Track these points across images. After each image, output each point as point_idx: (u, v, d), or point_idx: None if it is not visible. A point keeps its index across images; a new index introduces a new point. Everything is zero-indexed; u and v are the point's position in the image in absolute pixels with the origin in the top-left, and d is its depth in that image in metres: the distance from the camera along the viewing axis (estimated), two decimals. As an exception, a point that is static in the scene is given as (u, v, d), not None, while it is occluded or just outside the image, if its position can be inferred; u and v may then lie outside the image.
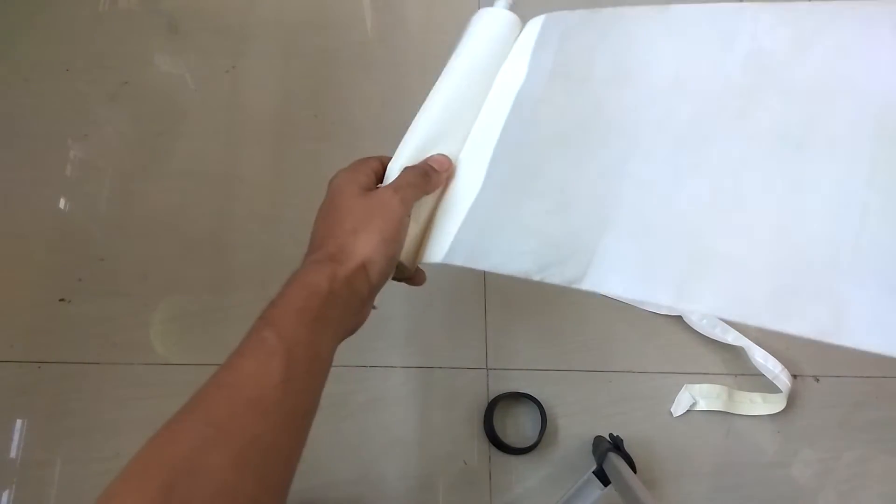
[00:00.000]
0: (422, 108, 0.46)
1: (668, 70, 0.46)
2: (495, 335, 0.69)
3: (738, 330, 0.69)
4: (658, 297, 0.42)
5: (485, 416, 0.65)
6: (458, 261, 0.42)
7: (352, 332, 0.40)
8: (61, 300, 0.66)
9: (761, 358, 0.68)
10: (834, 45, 0.43)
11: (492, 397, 0.66)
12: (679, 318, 0.71)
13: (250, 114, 0.76)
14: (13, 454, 0.61)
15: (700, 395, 0.68)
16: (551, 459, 0.65)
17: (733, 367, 0.70)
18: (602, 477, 0.59)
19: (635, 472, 0.58)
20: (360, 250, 0.38)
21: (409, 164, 0.43)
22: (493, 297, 0.70)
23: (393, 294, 0.69)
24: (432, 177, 0.43)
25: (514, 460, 0.65)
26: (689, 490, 0.66)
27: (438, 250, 0.43)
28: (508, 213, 0.44)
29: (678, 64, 0.46)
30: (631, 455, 0.60)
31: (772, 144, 0.43)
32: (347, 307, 0.38)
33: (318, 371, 0.36)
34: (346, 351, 0.70)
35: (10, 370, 0.64)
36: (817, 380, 0.70)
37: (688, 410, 0.67)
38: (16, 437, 0.62)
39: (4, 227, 0.69)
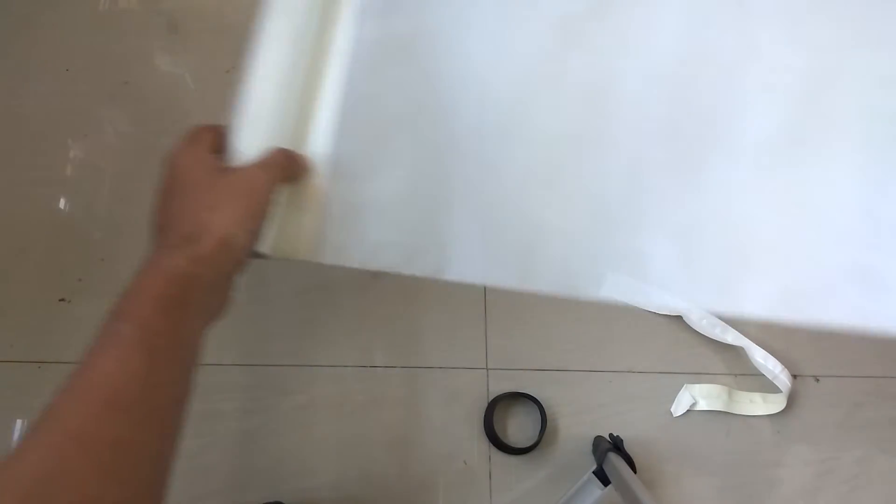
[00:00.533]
0: (249, 77, 0.41)
1: (488, 41, 0.44)
2: (495, 335, 0.69)
3: (737, 330, 0.69)
4: (505, 280, 0.43)
5: (485, 416, 0.65)
6: (328, 259, 0.40)
7: (219, 314, 0.38)
8: (61, 300, 0.66)
9: (761, 358, 0.68)
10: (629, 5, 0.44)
11: (492, 397, 0.66)
12: (679, 317, 0.70)
13: (250, 114, 0.76)
14: (13, 454, 0.61)
15: (700, 395, 0.68)
16: (551, 459, 0.65)
17: (733, 366, 0.70)
18: (602, 477, 0.59)
19: (635, 472, 0.58)
20: (218, 226, 0.35)
21: (257, 140, 0.39)
22: (493, 296, 0.70)
23: (393, 294, 0.69)
24: (299, 163, 0.41)
25: (514, 460, 0.65)
26: (689, 490, 0.66)
27: (305, 248, 0.41)
28: (364, 203, 0.42)
29: (496, 34, 0.44)
30: (631, 455, 0.60)
31: (580, 108, 0.44)
32: (213, 289, 0.36)
33: (186, 360, 0.34)
34: (345, 351, 0.71)
35: (10, 370, 0.64)
36: (817, 380, 0.70)
37: (688, 410, 0.67)
38: (16, 437, 0.62)
39: (4, 227, 0.69)
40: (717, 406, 0.67)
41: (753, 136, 0.43)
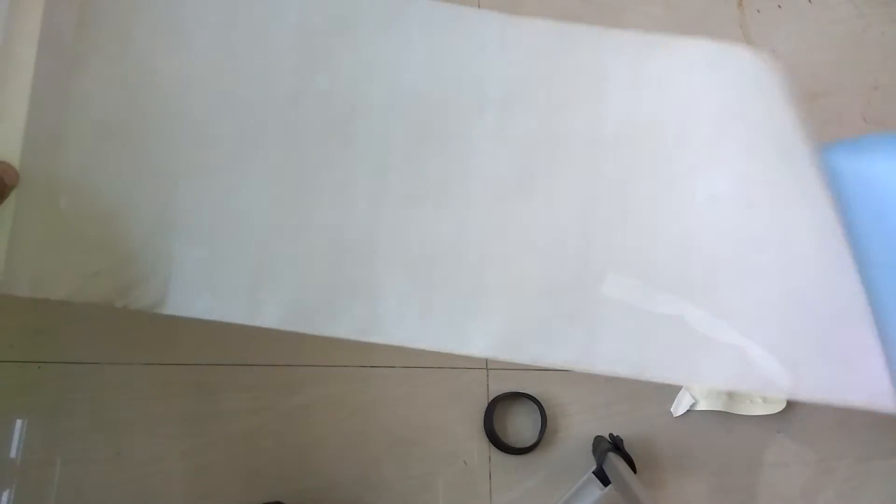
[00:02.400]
0: None
1: (216, 41, 0.39)
2: (495, 335, 0.68)
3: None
4: (231, 315, 0.39)
5: (485, 416, 0.65)
6: (21, 291, 0.35)
7: None
8: (61, 300, 0.66)
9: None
10: (371, 29, 0.41)
11: (492, 397, 0.66)
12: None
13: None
14: (13, 454, 0.61)
15: (700, 395, 0.68)
16: (551, 459, 0.65)
17: (733, 367, 0.70)
18: (602, 477, 0.59)
19: (635, 472, 0.58)
20: None
21: None
22: (493, 297, 0.70)
23: (393, 294, 0.69)
24: (8, 176, 0.34)
25: (514, 460, 0.65)
26: (689, 490, 0.66)
27: None
28: (61, 227, 0.36)
29: (228, 33, 0.39)
30: (631, 455, 0.60)
31: (319, 131, 0.40)
32: None
33: None
34: (346, 351, 0.70)
35: (10, 370, 0.64)
36: (817, 380, 0.70)
37: (688, 410, 0.67)
38: (16, 437, 0.62)
39: (4, 227, 0.69)
40: (718, 406, 0.67)
41: (485, 176, 0.42)
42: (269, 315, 0.40)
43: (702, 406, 0.67)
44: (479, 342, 0.41)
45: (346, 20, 0.40)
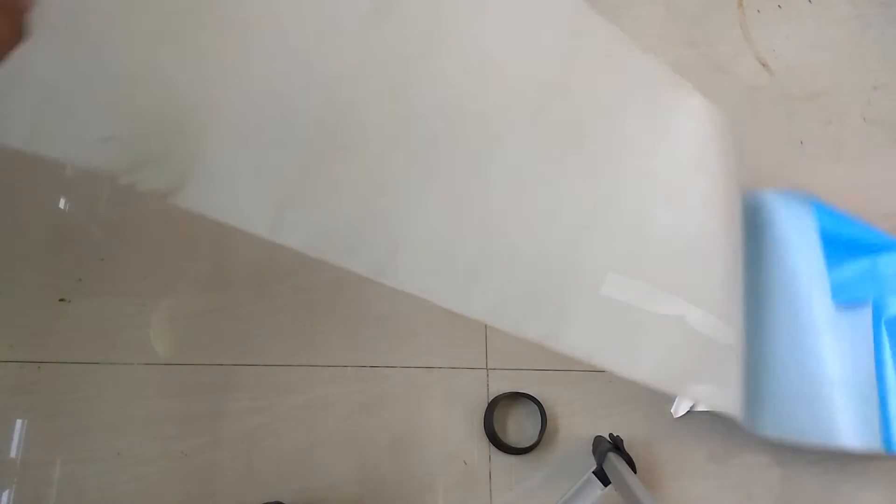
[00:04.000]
0: None
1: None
2: (495, 335, 0.68)
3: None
4: (250, 220, 0.35)
5: (485, 416, 0.65)
6: (10, 140, 0.29)
7: None
8: (61, 300, 0.66)
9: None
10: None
11: (492, 397, 0.66)
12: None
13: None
14: (13, 454, 0.61)
15: None
16: (551, 459, 0.65)
17: (733, 367, 0.70)
18: (602, 477, 0.59)
19: (635, 472, 0.58)
20: None
21: None
22: (493, 297, 0.70)
23: (392, 294, 0.69)
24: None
25: (514, 460, 0.65)
26: (689, 490, 0.66)
27: None
28: (77, 74, 0.29)
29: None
30: (631, 455, 0.60)
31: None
32: None
33: None
34: (346, 351, 0.70)
35: (10, 370, 0.64)
36: (817, 380, 0.70)
37: (688, 411, 0.67)
38: (16, 437, 0.62)
39: (4, 227, 0.69)
40: None
41: (514, 159, 0.45)
42: (292, 234, 0.37)
43: (702, 406, 0.67)
44: (477, 305, 0.43)
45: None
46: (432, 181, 0.41)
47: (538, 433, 0.64)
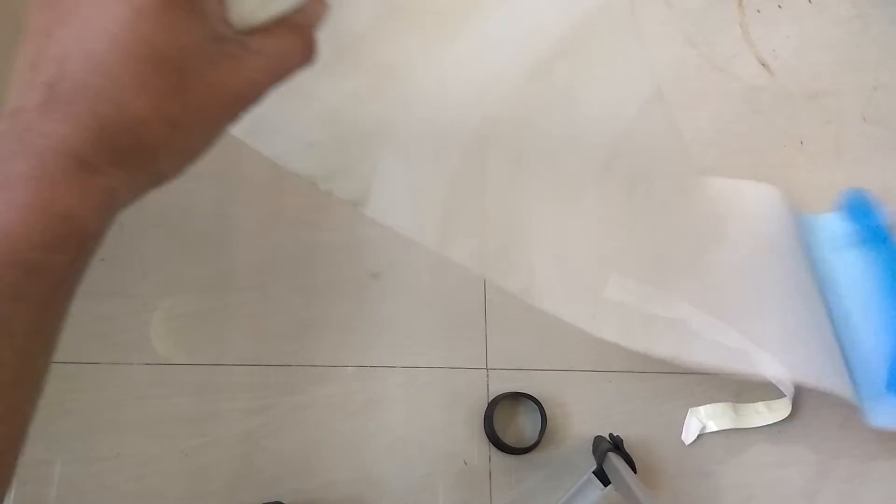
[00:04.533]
0: None
1: None
2: (495, 335, 0.69)
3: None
4: (425, 235, 0.41)
5: (485, 416, 0.65)
6: (237, 131, 0.30)
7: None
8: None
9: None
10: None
11: (492, 397, 0.66)
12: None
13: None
14: (13, 454, 0.61)
15: (707, 417, 0.67)
16: (551, 459, 0.65)
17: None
18: (602, 477, 0.59)
19: (635, 472, 0.58)
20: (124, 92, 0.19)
21: None
22: (492, 296, 0.70)
23: (393, 294, 0.69)
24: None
25: (514, 460, 0.65)
26: (690, 490, 0.66)
27: None
28: (306, 82, 0.28)
29: None
30: (631, 455, 0.60)
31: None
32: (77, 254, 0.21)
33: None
34: (346, 351, 0.70)
35: (10, 370, 0.63)
36: (817, 380, 0.70)
37: (699, 436, 0.67)
38: (16, 437, 0.62)
39: (4, 227, 0.69)
40: (726, 424, 0.67)
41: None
42: (457, 252, 0.44)
43: (711, 428, 0.67)
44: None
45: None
46: (552, 210, 0.50)
47: (538, 433, 0.64)
